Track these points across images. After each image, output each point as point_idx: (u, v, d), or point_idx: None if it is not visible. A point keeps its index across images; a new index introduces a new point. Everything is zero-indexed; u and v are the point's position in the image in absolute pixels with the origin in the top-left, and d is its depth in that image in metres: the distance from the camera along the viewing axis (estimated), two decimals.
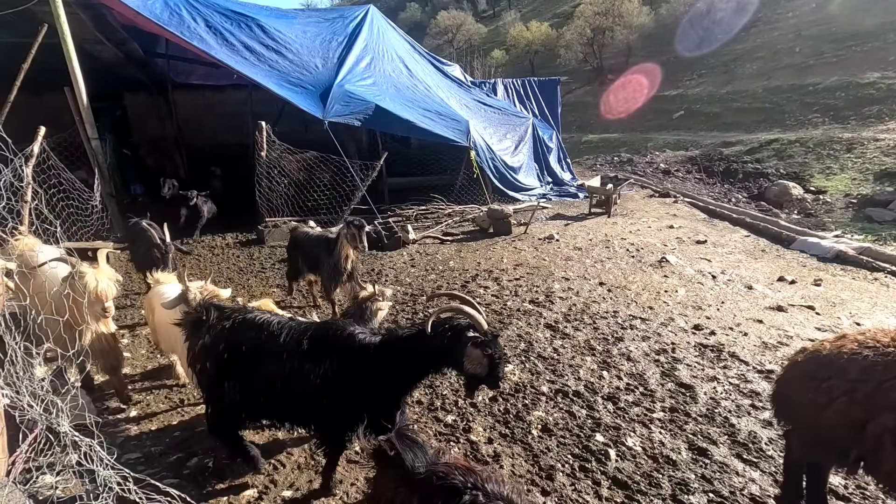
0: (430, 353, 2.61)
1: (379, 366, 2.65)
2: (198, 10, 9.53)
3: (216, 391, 2.87)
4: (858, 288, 6.51)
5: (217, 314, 2.86)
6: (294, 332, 2.73)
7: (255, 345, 2.73)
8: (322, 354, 2.67)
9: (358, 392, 2.69)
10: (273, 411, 2.88)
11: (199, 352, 2.82)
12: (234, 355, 2.74)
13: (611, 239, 8.73)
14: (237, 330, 2.79)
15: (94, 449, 1.68)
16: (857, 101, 16.27)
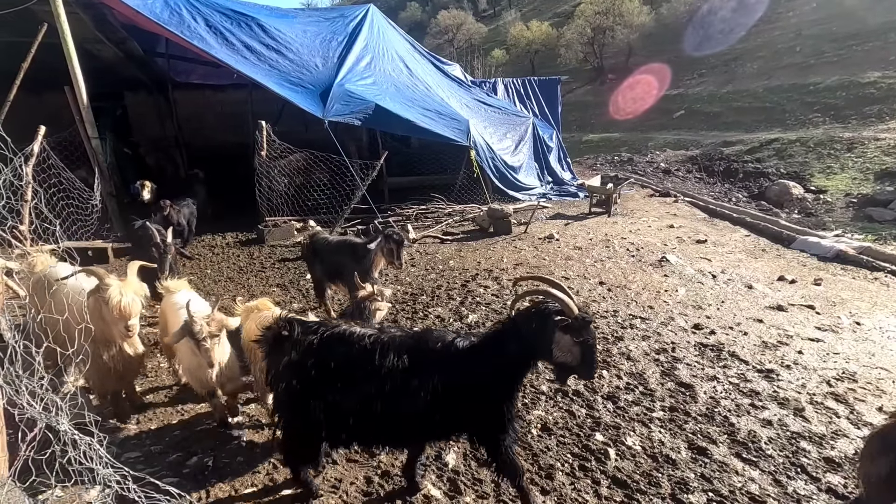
0: (522, 345, 2.45)
1: (483, 369, 2.47)
2: (198, 10, 9.53)
3: (300, 413, 2.62)
4: (858, 287, 6.50)
5: (301, 329, 2.66)
6: (390, 345, 2.51)
7: (347, 361, 2.52)
8: (427, 368, 2.46)
9: (468, 402, 2.50)
10: (367, 434, 2.66)
11: (284, 370, 2.60)
12: (325, 373, 2.53)
13: (611, 238, 8.73)
14: (326, 345, 2.57)
15: (94, 447, 1.69)
16: (858, 101, 16.26)
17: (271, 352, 2.70)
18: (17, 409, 1.73)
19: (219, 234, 9.18)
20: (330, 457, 3.23)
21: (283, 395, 2.66)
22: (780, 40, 23.45)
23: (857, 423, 3.63)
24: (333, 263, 5.20)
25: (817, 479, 3.10)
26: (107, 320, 3.11)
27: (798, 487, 3.03)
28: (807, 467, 3.19)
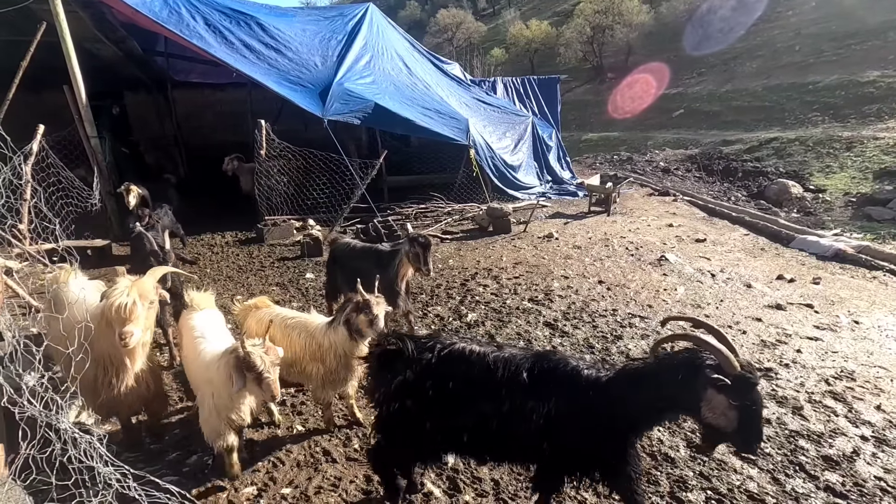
0: (660, 394, 2.19)
1: (607, 406, 2.27)
2: (197, 9, 9.52)
3: (412, 433, 2.52)
4: (857, 286, 6.52)
5: (414, 346, 2.52)
6: (511, 365, 2.38)
7: (467, 380, 2.40)
8: (546, 392, 2.33)
9: (582, 435, 2.34)
10: (477, 450, 2.58)
11: (398, 390, 2.47)
12: (443, 393, 2.41)
13: (610, 237, 8.73)
14: (445, 363, 2.44)
15: (94, 446, 1.69)
16: (857, 100, 16.28)
17: (380, 369, 2.55)
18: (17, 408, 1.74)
19: (218, 232, 9.18)
20: None
21: (396, 415, 2.51)
22: (780, 39, 23.47)
23: (855, 422, 3.64)
24: (354, 270, 4.75)
25: (815, 477, 3.11)
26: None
27: (796, 486, 3.04)
28: (805, 465, 3.20)
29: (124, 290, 2.73)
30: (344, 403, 3.79)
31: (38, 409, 1.72)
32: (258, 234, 8.82)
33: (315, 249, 7.84)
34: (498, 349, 2.49)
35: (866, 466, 3.19)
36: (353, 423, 3.65)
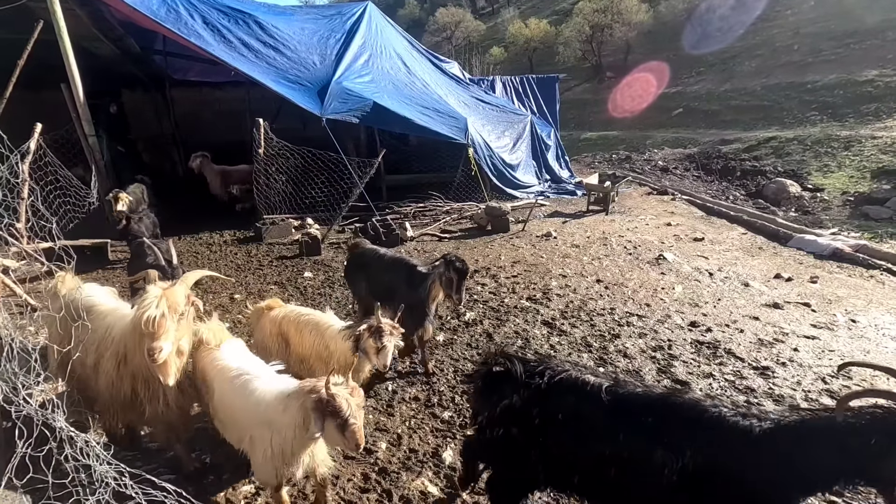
0: (843, 458, 1.84)
1: (762, 466, 1.90)
2: (195, 7, 9.50)
3: (516, 462, 2.37)
4: (854, 285, 6.54)
5: (524, 369, 2.32)
6: (634, 404, 2.11)
7: (578, 415, 2.17)
8: (679, 441, 1.99)
9: (730, 497, 1.99)
10: (591, 495, 2.34)
11: (503, 414, 2.29)
12: (551, 425, 2.21)
13: (608, 236, 8.74)
14: (555, 392, 2.22)
15: (91, 444, 1.69)
16: (856, 99, 16.29)
17: (485, 390, 2.39)
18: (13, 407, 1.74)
19: (216, 231, 9.17)
20: None
21: (500, 441, 2.35)
22: (779, 38, 23.46)
23: None
24: (384, 284, 4.48)
25: None
26: None
27: None
28: None
29: (153, 302, 2.50)
30: None
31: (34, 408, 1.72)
32: (256, 232, 8.81)
33: (313, 248, 7.84)
34: (615, 383, 2.21)
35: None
36: None
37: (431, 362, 4.45)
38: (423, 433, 3.58)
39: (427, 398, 4.00)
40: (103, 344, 2.82)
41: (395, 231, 8.46)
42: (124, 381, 2.71)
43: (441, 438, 3.52)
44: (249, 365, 2.77)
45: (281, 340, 3.51)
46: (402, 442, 3.48)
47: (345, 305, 5.84)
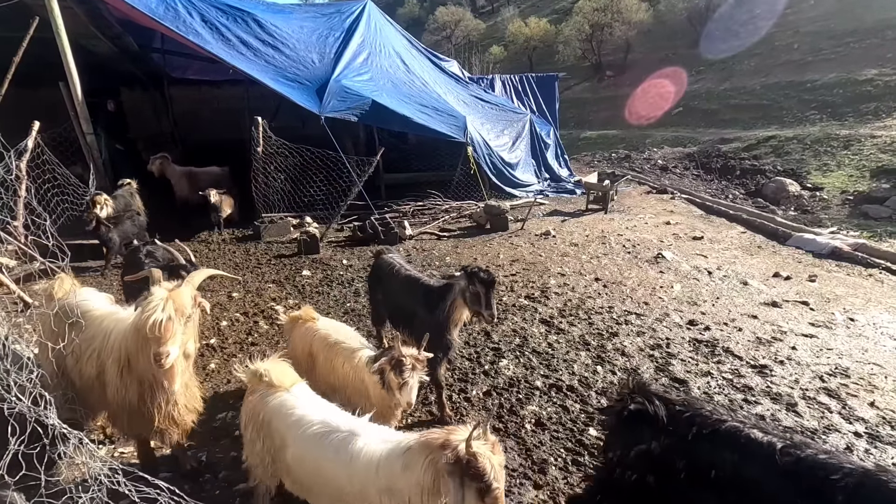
0: None
1: None
2: (193, 5, 9.48)
3: None
4: (853, 284, 6.53)
5: (667, 412, 2.02)
6: (815, 473, 1.71)
7: (740, 479, 1.82)
8: None
9: None
10: None
11: (637, 460, 2.04)
12: (700, 483, 1.90)
13: (607, 235, 8.73)
14: (708, 445, 1.89)
15: (84, 442, 1.68)
16: (855, 98, 16.28)
17: (621, 427, 2.15)
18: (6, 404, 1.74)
19: (215, 230, 9.15)
20: None
21: (632, 486, 2.08)
22: (778, 37, 23.44)
23: (848, 419, 3.65)
24: (398, 305, 4.06)
25: None
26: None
27: None
28: None
29: (159, 304, 2.33)
30: None
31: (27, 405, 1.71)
32: (255, 231, 8.80)
33: (312, 247, 7.83)
34: (794, 446, 1.79)
35: (860, 463, 3.20)
36: None
37: (448, 405, 3.80)
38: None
39: (424, 396, 3.99)
40: (104, 352, 2.71)
41: (394, 230, 8.46)
42: (129, 389, 2.58)
43: None
44: (338, 418, 2.35)
45: (310, 360, 3.29)
46: None
47: (343, 304, 5.83)
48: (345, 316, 5.48)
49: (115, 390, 2.62)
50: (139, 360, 2.49)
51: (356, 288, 6.29)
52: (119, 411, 2.70)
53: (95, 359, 2.74)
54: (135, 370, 2.54)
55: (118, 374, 2.59)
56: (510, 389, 4.08)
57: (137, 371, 2.54)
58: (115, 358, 2.61)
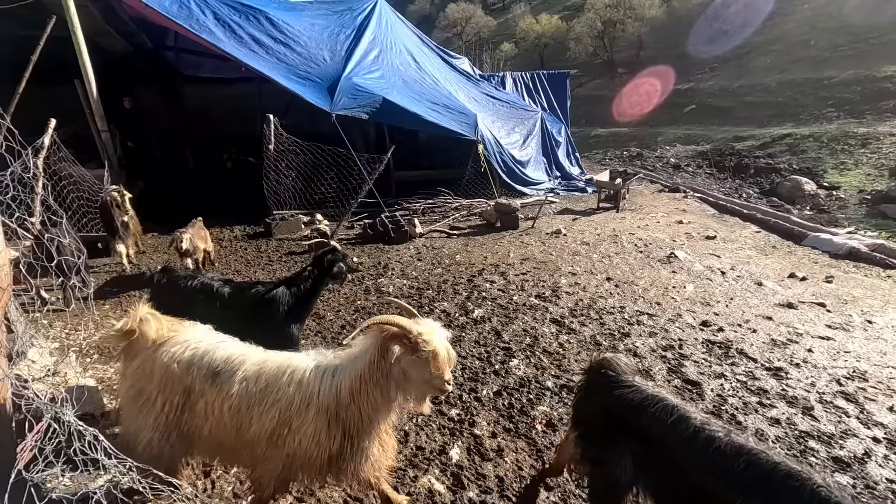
0: None
1: None
2: (206, 3, 9.56)
3: None
4: (871, 285, 6.41)
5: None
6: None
7: None
8: None
9: None
10: None
11: None
12: None
13: (619, 234, 8.66)
14: None
15: (99, 439, 1.70)
16: (874, 96, 15.98)
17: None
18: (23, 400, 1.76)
19: (227, 227, 9.23)
20: None
21: None
22: (795, 33, 23.07)
23: (866, 423, 3.58)
24: None
25: None
26: (414, 380, 2.19)
27: None
28: (815, 467, 3.15)
29: (433, 333, 2.15)
30: None
31: (44, 402, 1.73)
32: (266, 228, 8.86)
33: (321, 245, 7.85)
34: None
35: (878, 468, 3.14)
36: None
37: None
38: (430, 430, 3.57)
39: (434, 395, 3.98)
40: (297, 402, 2.23)
41: (404, 227, 8.46)
42: (335, 441, 2.25)
43: (448, 436, 3.51)
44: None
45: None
46: (408, 439, 3.47)
47: (353, 301, 5.85)
48: (355, 314, 5.50)
49: (316, 444, 2.26)
50: (361, 405, 2.23)
51: (366, 286, 6.30)
52: (307, 468, 2.33)
53: (268, 415, 2.25)
54: (346, 418, 2.25)
55: (326, 426, 2.25)
56: (521, 389, 4.06)
57: (349, 419, 2.25)
58: (320, 408, 2.24)
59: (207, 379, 2.26)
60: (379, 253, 7.81)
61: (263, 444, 2.24)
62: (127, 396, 2.32)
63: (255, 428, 2.22)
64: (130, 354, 2.39)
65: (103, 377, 4.14)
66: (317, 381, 2.23)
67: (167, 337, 2.39)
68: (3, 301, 2.02)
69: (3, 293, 1.97)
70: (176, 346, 2.33)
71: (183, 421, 2.29)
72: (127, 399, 2.33)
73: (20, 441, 2.12)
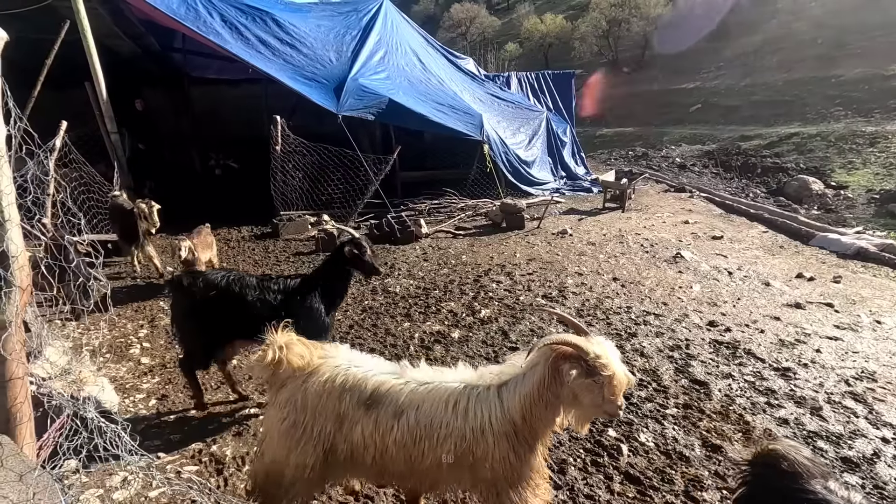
0: None
1: None
2: (213, 5, 9.64)
3: None
4: (879, 285, 6.38)
5: None
6: None
7: None
8: None
9: None
10: None
11: None
12: None
13: (625, 234, 8.66)
14: None
15: (119, 435, 1.74)
16: (882, 94, 15.86)
17: None
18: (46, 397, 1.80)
19: (234, 227, 9.30)
20: None
21: None
22: (802, 32, 22.92)
23: (875, 424, 3.58)
24: None
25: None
26: (584, 403, 2.07)
27: None
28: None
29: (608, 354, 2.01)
30: None
31: (66, 399, 1.77)
32: (273, 228, 8.92)
33: (329, 244, 7.90)
34: None
35: (887, 469, 3.14)
36: None
37: None
38: None
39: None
40: (465, 439, 2.11)
41: (410, 228, 8.49)
42: (524, 459, 2.18)
43: None
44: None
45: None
46: None
47: (360, 301, 5.89)
48: (363, 314, 5.53)
49: (503, 465, 2.16)
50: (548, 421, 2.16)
51: (373, 286, 6.34)
52: (490, 481, 2.22)
53: (450, 444, 2.13)
54: (524, 438, 2.17)
55: (511, 448, 2.15)
56: None
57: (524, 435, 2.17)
58: (503, 432, 2.13)
59: (360, 407, 2.19)
60: (385, 253, 7.85)
61: (444, 471, 2.16)
62: (279, 428, 2.25)
63: (433, 459, 2.13)
64: (277, 383, 2.32)
65: (116, 376, 4.20)
66: (486, 408, 2.11)
67: (317, 364, 2.31)
68: (24, 300, 2.07)
69: (23, 293, 2.01)
70: (327, 374, 2.27)
71: (338, 449, 2.23)
72: (279, 430, 2.26)
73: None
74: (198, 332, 3.54)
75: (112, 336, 4.98)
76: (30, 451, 2.14)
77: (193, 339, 3.59)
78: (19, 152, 1.95)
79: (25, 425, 2.11)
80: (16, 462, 1.75)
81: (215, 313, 3.45)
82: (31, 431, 2.19)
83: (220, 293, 3.46)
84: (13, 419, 2.04)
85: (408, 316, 5.48)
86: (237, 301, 3.45)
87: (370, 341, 4.89)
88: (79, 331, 4.89)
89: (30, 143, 2.46)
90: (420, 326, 5.21)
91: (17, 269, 1.93)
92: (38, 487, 1.79)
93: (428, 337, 4.98)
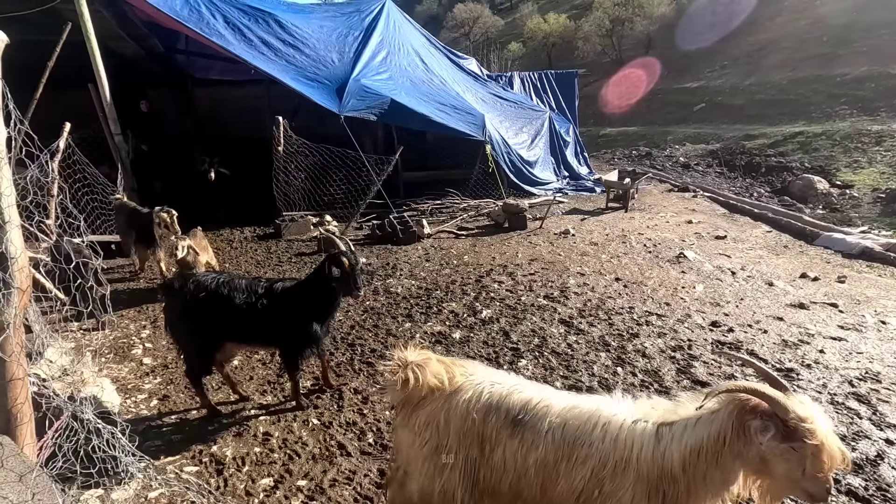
0: None
1: None
2: (216, 7, 9.67)
3: None
4: (885, 285, 6.33)
5: None
6: None
7: None
8: None
9: None
10: None
11: None
12: None
13: (628, 234, 8.63)
14: None
15: (117, 436, 1.74)
16: (888, 92, 15.76)
17: None
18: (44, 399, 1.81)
19: (237, 228, 9.33)
20: None
21: None
22: (806, 30, 22.79)
23: (879, 425, 3.55)
24: None
25: (837, 480, 3.04)
26: (776, 475, 1.74)
27: None
28: None
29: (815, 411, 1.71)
30: None
31: (63, 400, 1.77)
32: (276, 229, 8.94)
33: (331, 244, 7.91)
34: None
35: (890, 470, 3.11)
36: None
37: None
38: None
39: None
40: (605, 467, 1.88)
41: (412, 228, 8.49)
42: None
43: None
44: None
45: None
46: None
47: (363, 301, 5.89)
48: (364, 314, 5.53)
49: None
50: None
51: (375, 286, 6.34)
52: None
53: (587, 469, 1.92)
54: (663, 493, 1.87)
55: (645, 497, 1.86)
56: None
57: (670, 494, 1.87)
58: (643, 475, 1.86)
59: (507, 427, 2.00)
60: (387, 253, 7.85)
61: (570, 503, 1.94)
62: (421, 452, 2.10)
63: (563, 486, 1.91)
64: (411, 404, 2.14)
65: (118, 376, 4.22)
66: (638, 441, 1.85)
67: (458, 384, 2.13)
68: (24, 302, 2.07)
69: (23, 294, 2.02)
70: (470, 393, 2.09)
71: (480, 473, 2.06)
72: (421, 455, 2.10)
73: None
74: (189, 334, 3.55)
75: (114, 337, 5.00)
76: (30, 451, 2.15)
77: (186, 341, 3.60)
78: (20, 154, 1.96)
79: (26, 426, 2.12)
80: (16, 462, 1.76)
81: (205, 316, 3.46)
82: (32, 432, 2.20)
83: (210, 295, 3.46)
84: (14, 420, 2.05)
85: (409, 316, 5.48)
86: (226, 304, 3.45)
87: (371, 342, 4.89)
88: (81, 331, 4.92)
89: (30, 145, 2.47)
90: (421, 327, 5.21)
91: (17, 271, 1.94)
92: (37, 488, 1.79)
93: (429, 337, 4.97)
